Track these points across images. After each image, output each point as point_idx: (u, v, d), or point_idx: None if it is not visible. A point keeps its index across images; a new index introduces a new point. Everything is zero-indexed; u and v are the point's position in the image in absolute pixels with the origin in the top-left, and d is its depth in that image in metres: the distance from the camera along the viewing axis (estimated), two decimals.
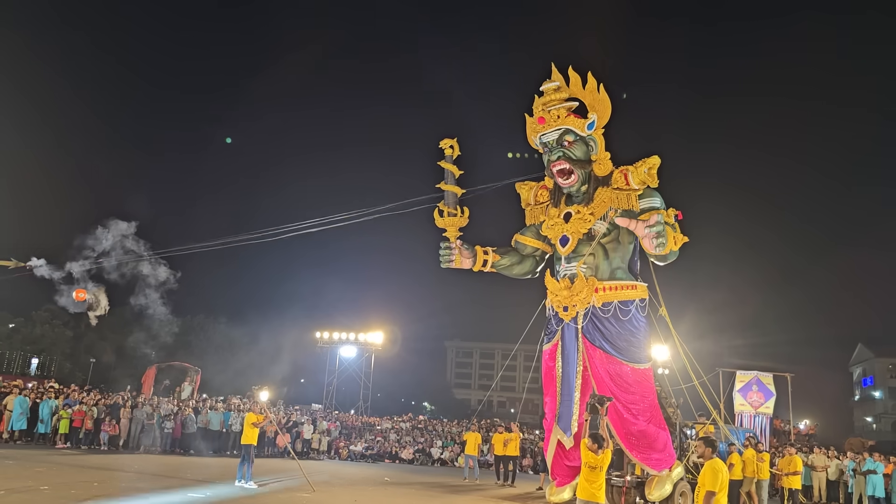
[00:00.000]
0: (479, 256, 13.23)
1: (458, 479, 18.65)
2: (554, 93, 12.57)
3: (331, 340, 36.97)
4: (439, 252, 13.18)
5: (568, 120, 12.31)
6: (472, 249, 13.23)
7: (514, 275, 13.72)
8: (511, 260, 13.57)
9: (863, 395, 73.58)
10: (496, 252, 13.47)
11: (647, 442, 11.73)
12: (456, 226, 13.02)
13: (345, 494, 13.62)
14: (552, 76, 12.73)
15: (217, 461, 18.51)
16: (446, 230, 13.08)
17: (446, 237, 13.11)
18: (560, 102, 12.48)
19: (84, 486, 11.71)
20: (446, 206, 12.96)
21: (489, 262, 13.33)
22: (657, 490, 11.56)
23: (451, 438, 26.81)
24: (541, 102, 12.68)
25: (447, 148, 12.83)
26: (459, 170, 12.96)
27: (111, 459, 16.68)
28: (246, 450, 13.52)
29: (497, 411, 74.83)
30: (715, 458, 7.26)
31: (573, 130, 12.29)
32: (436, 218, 13.04)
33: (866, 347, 71.48)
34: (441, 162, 12.93)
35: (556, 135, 12.38)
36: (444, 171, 12.94)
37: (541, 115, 12.48)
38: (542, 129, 12.46)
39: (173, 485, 12.84)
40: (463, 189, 13.04)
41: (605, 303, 12.07)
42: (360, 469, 20.95)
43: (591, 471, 8.42)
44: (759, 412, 23.54)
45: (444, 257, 13.15)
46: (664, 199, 12.15)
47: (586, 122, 12.30)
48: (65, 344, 38.88)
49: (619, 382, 11.70)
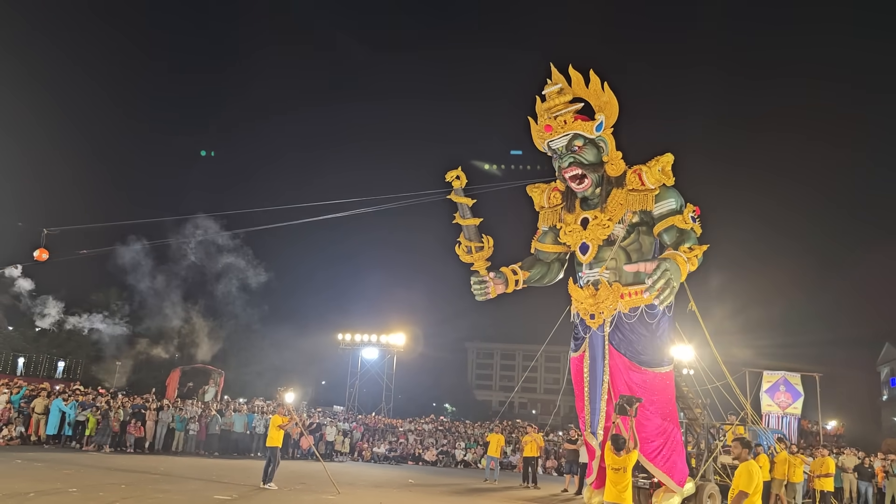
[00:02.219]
0: (510, 279, 12.72)
1: (481, 482, 18.57)
2: (557, 96, 12.08)
3: (353, 342, 37.09)
4: (472, 288, 12.50)
5: (575, 125, 11.90)
6: (503, 275, 12.66)
7: (545, 284, 13.44)
8: (539, 271, 13.27)
9: (891, 395, 72.38)
10: (522, 268, 13.02)
11: (657, 445, 11.58)
12: (484, 258, 12.38)
13: (370, 496, 13.60)
14: (552, 77, 12.22)
15: (241, 463, 18.58)
16: (474, 264, 12.41)
17: (475, 270, 12.43)
18: (565, 106, 12.00)
19: (112, 488, 11.79)
20: (470, 241, 12.25)
21: (520, 280, 12.87)
22: (664, 502, 11.41)
23: (475, 440, 26.76)
24: (545, 108, 12.17)
25: (454, 180, 11.87)
26: (472, 199, 12.12)
27: (138, 461, 16.80)
28: (272, 452, 13.56)
29: (518, 412, 74.60)
30: (750, 459, 7.15)
31: (582, 135, 11.89)
32: (460, 255, 12.38)
33: (894, 346, 70.39)
34: (451, 195, 12.07)
35: (565, 140, 11.97)
36: (458, 205, 12.10)
37: (547, 122, 12.04)
38: (550, 136, 12.06)
39: (199, 487, 12.90)
40: (480, 218, 12.26)
41: (632, 308, 11.88)
42: (383, 471, 20.94)
43: (615, 472, 8.39)
44: (786, 413, 23.22)
45: (479, 292, 12.50)
46: (682, 195, 11.87)
47: (594, 123, 11.86)
48: (90, 347, 39.28)
49: (641, 390, 11.55)
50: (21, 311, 31.65)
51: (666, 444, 11.60)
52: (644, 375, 11.68)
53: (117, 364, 37.62)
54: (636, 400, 9.21)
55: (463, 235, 12.32)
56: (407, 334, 37.90)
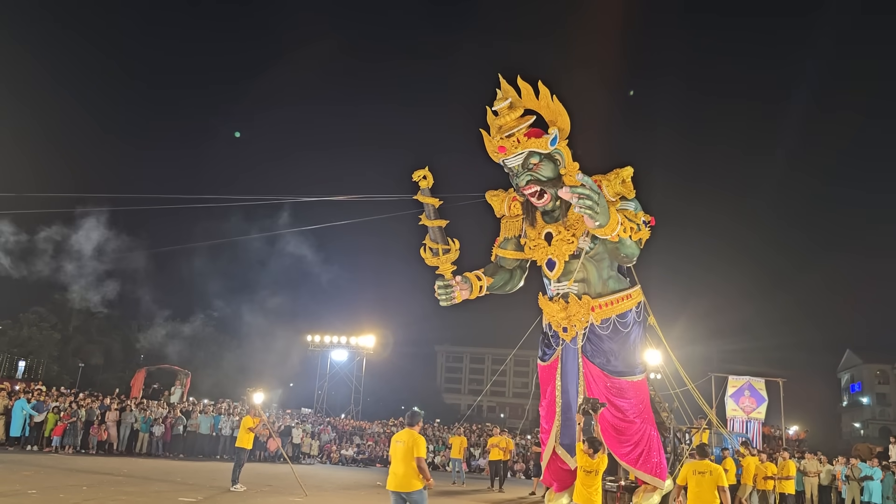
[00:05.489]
0: (474, 285, 12.35)
1: (449, 484, 18.56)
2: (508, 112, 11.68)
3: (322, 344, 36.76)
4: (436, 292, 12.08)
5: (529, 142, 11.53)
6: (468, 280, 12.27)
7: (507, 291, 13.20)
8: (502, 279, 13.00)
9: (851, 401, 74.15)
10: (486, 274, 12.69)
11: (640, 448, 11.69)
12: (450, 261, 11.85)
13: (337, 499, 13.52)
14: (501, 89, 11.77)
15: (207, 465, 18.34)
16: (439, 268, 11.89)
17: (440, 274, 11.93)
18: (517, 123, 11.62)
19: (72, 490, 11.54)
20: (435, 242, 11.71)
21: (484, 286, 12.50)
22: (645, 500, 11.50)
23: (442, 443, 26.75)
24: (496, 126, 11.81)
25: (420, 179, 11.40)
26: (439, 200, 11.61)
27: (100, 463, 16.48)
28: (240, 453, 13.41)
29: (487, 416, 74.75)
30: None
31: (537, 152, 11.56)
32: (426, 258, 11.85)
33: (854, 354, 72.10)
34: (417, 195, 11.58)
35: (521, 159, 11.65)
36: (424, 206, 11.58)
37: (500, 143, 11.68)
38: (504, 156, 11.74)
39: (163, 489, 12.69)
40: (447, 220, 11.75)
41: (604, 319, 11.92)
42: (351, 473, 20.82)
43: (588, 475, 8.41)
44: (751, 417, 23.56)
45: (444, 297, 12.08)
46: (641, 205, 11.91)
47: (548, 138, 11.50)
48: (52, 347, 38.51)
49: (617, 398, 11.64)
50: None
51: (647, 446, 11.71)
52: (619, 384, 11.76)
53: (80, 366, 36.93)
54: (600, 405, 9.30)
55: (429, 237, 11.88)
56: (377, 336, 37.67)
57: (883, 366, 70.40)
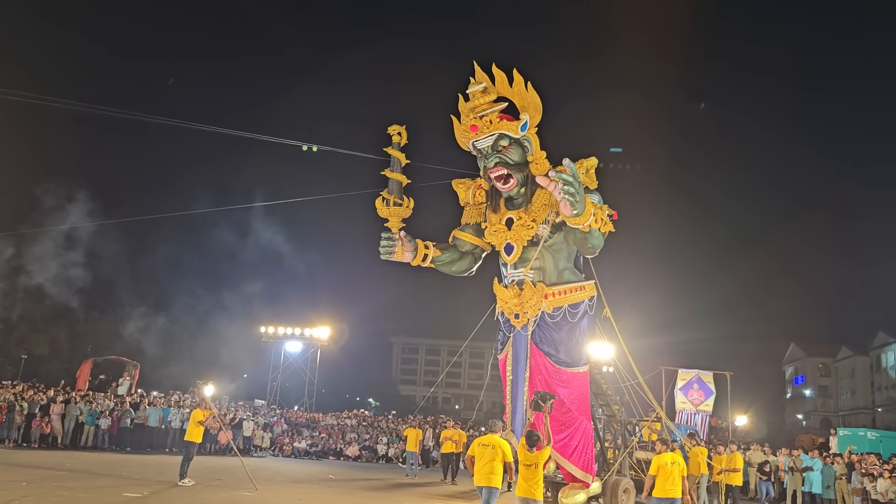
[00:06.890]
0: (419, 250, 12.72)
1: (402, 477, 18.55)
2: (482, 96, 12.14)
3: (276, 335, 36.36)
4: (381, 244, 12.51)
5: (501, 125, 11.94)
6: (414, 242, 12.66)
7: (452, 272, 13.43)
8: (451, 256, 13.21)
9: (794, 393, 76.57)
10: (436, 247, 13.02)
11: (575, 441, 11.84)
12: (400, 216, 12.35)
13: (288, 493, 13.37)
14: (476, 76, 12.23)
15: (155, 459, 17.97)
16: (389, 220, 12.39)
17: (388, 227, 12.43)
18: (489, 106, 12.08)
19: (11, 485, 11.18)
20: (391, 194, 12.27)
21: (430, 256, 12.84)
22: (569, 498, 11.61)
23: (397, 435, 26.69)
24: (469, 108, 12.24)
25: (395, 134, 12.18)
26: (407, 158, 12.33)
27: (42, 457, 16.01)
28: (189, 447, 13.16)
29: (442, 408, 75.06)
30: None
31: (507, 135, 11.95)
32: (378, 207, 12.34)
33: (798, 347, 74.41)
34: (387, 148, 12.30)
35: (491, 140, 12.04)
36: (391, 158, 12.31)
37: (472, 122, 12.07)
38: (475, 136, 12.09)
39: (108, 484, 12.40)
40: (409, 179, 12.44)
41: (556, 308, 12.07)
42: (303, 466, 20.64)
43: (528, 468, 8.53)
44: (699, 410, 24.07)
45: (385, 248, 12.47)
46: (604, 199, 12.15)
47: (519, 123, 11.94)
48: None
49: (559, 388, 11.75)
50: None
51: (581, 440, 11.88)
52: (562, 375, 11.92)
53: (23, 357, 35.83)
54: (550, 396, 9.36)
55: (387, 190, 12.36)
56: (332, 328, 37.51)
57: (825, 359, 72.88)
